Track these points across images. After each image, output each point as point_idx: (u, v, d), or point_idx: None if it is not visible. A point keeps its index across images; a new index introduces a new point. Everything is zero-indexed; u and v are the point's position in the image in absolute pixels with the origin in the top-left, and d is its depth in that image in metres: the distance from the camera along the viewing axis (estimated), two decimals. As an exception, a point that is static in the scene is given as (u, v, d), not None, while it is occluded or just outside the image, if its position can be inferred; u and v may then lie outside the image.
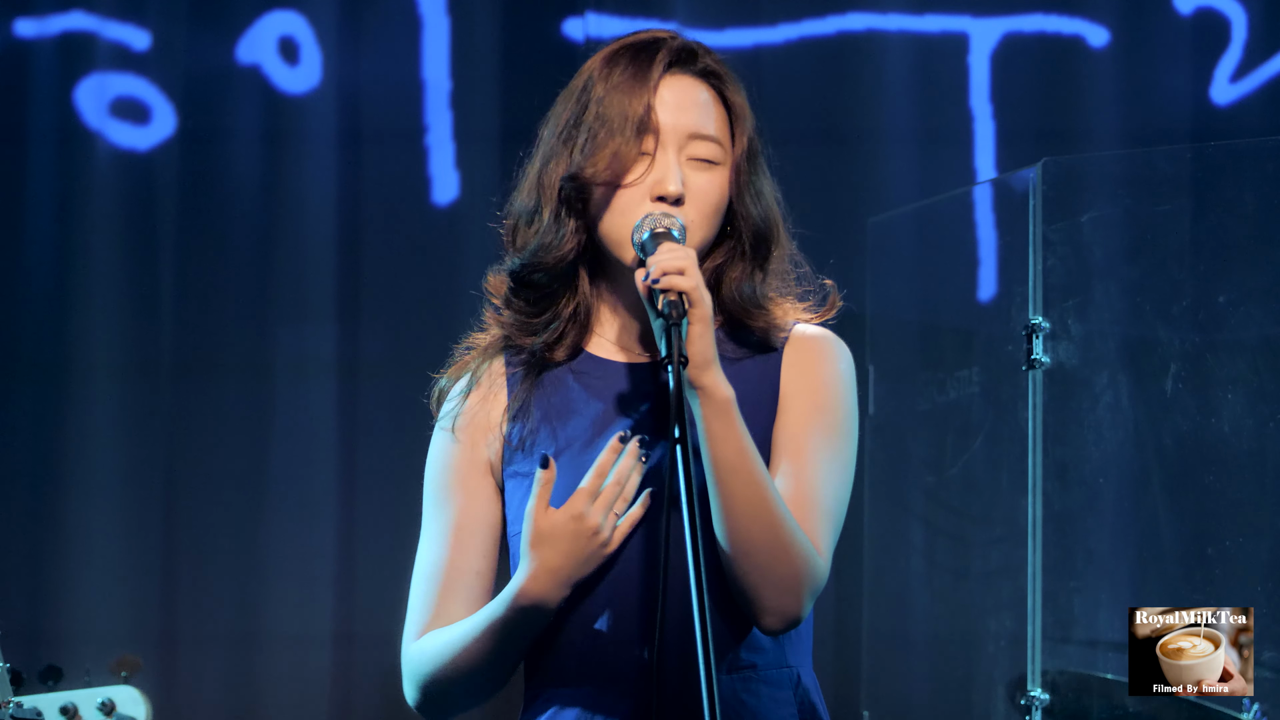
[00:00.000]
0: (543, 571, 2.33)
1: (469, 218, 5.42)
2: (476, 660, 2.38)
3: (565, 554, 2.32)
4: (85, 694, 4.12)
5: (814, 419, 2.44)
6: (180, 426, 5.37)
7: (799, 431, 2.43)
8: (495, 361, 2.51)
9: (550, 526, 2.33)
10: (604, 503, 2.33)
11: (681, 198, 2.40)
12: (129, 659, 4.21)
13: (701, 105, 2.45)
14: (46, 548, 5.32)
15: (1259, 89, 5.51)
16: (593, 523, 2.32)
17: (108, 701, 4.11)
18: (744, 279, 2.47)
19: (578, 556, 2.33)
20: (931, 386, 4.94)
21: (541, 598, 2.33)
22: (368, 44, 5.47)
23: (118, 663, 4.20)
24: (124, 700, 4.14)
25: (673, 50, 2.47)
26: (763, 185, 2.48)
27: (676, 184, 2.40)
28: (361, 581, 5.32)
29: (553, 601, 2.34)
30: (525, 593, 2.33)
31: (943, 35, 5.56)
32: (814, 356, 2.49)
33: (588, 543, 2.33)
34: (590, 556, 2.33)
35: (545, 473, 2.33)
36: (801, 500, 2.38)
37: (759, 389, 2.46)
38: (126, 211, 5.39)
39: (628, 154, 2.40)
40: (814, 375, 2.47)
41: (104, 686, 4.14)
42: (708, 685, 2.11)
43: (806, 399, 2.45)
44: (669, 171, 2.40)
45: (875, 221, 5.29)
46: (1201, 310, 4.36)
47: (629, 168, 2.41)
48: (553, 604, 2.34)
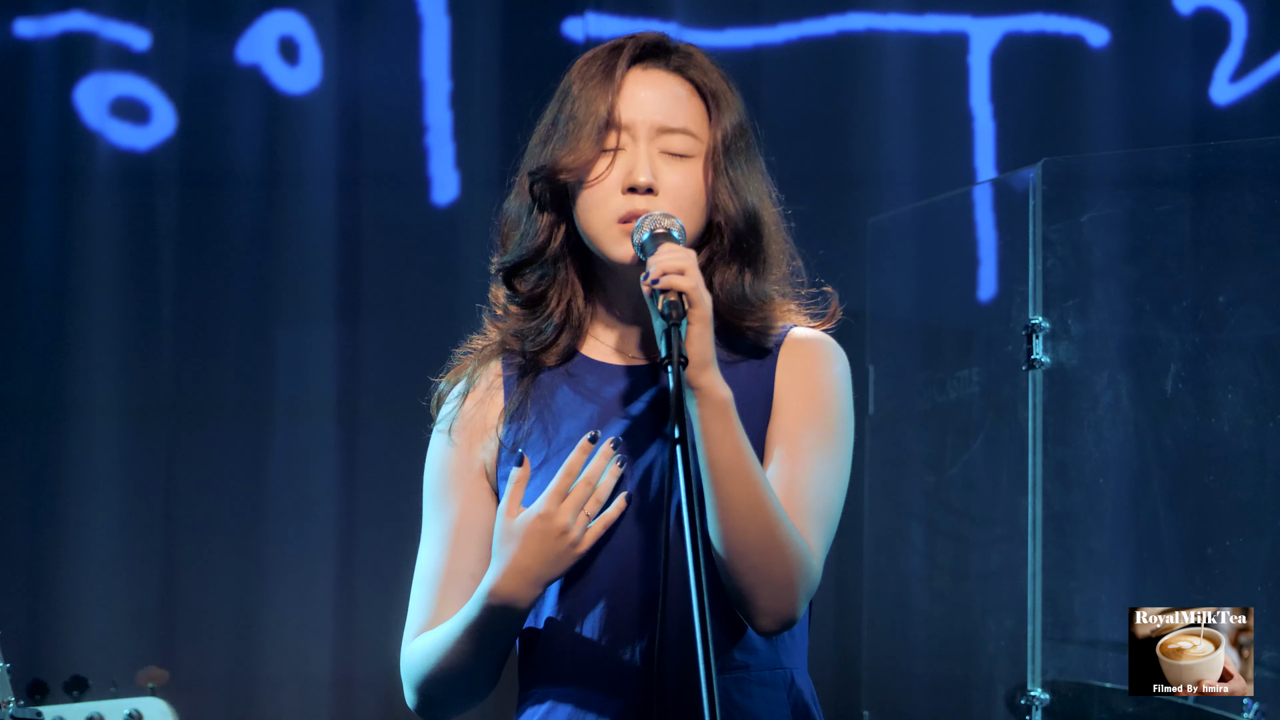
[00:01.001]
0: (511, 570, 2.33)
1: (469, 218, 5.41)
2: (459, 661, 2.38)
3: (533, 553, 2.32)
4: (112, 705, 4.12)
5: (809, 421, 2.43)
6: (180, 427, 5.37)
7: (793, 433, 2.42)
8: (493, 364, 2.51)
9: (518, 526, 2.33)
10: (573, 503, 2.33)
11: (653, 187, 2.40)
12: (156, 671, 4.21)
13: (672, 98, 2.45)
14: (45, 539, 5.32)
15: (1259, 89, 5.51)
16: (560, 522, 2.32)
17: (135, 713, 4.11)
18: (732, 279, 2.46)
19: (546, 556, 2.32)
20: (931, 386, 4.94)
21: (511, 596, 2.33)
22: (368, 44, 5.47)
23: (145, 674, 4.20)
24: (151, 712, 4.14)
25: (640, 45, 2.47)
26: (743, 179, 2.45)
27: (646, 174, 2.40)
28: (361, 585, 5.32)
29: (523, 601, 2.34)
30: (494, 592, 2.33)
31: (943, 35, 5.56)
32: (809, 360, 2.48)
33: (555, 542, 2.32)
34: (559, 557, 2.33)
35: (519, 471, 2.34)
36: (795, 502, 2.38)
37: (753, 392, 2.45)
38: (126, 211, 5.39)
39: (591, 147, 2.41)
40: (809, 378, 2.46)
41: (131, 698, 4.14)
42: (708, 686, 2.11)
43: (801, 401, 2.45)
44: (638, 162, 2.40)
45: (875, 221, 5.29)
46: (1201, 310, 4.36)
47: (592, 161, 2.41)
48: (524, 604, 2.34)
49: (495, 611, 2.34)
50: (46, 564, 5.30)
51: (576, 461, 2.33)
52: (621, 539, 2.39)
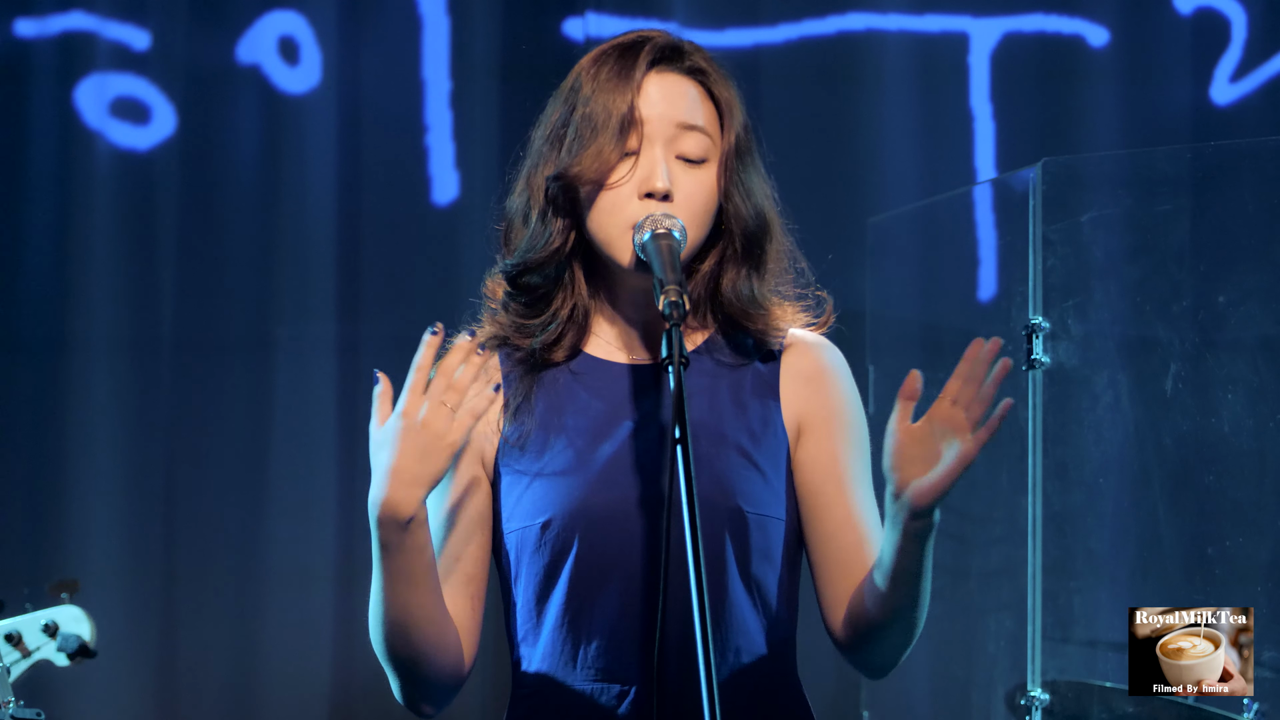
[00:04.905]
0: (387, 475, 2.29)
1: (469, 218, 5.42)
2: (392, 611, 2.34)
3: (402, 452, 2.29)
4: (28, 619, 4.15)
5: (847, 445, 2.49)
6: (180, 428, 5.37)
7: (839, 464, 2.48)
8: (492, 358, 2.50)
9: (382, 431, 2.31)
10: (433, 395, 2.30)
11: (670, 194, 2.40)
12: (67, 580, 4.23)
13: (688, 101, 2.44)
14: (46, 544, 5.32)
15: (1259, 89, 5.51)
16: (423, 417, 2.29)
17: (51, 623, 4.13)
18: (741, 280, 2.47)
19: (414, 452, 2.28)
20: (932, 386, 4.93)
21: (393, 503, 2.29)
22: (368, 44, 5.47)
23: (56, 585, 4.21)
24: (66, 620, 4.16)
25: (658, 48, 2.46)
26: (753, 182, 2.47)
27: (664, 180, 2.39)
28: (361, 580, 5.31)
29: (406, 506, 2.29)
30: (374, 501, 2.30)
31: (943, 35, 5.56)
32: (821, 372, 2.51)
33: (419, 435, 2.28)
34: (427, 451, 2.29)
35: (380, 389, 2.32)
36: (863, 533, 2.46)
37: (758, 393, 2.47)
38: (126, 211, 5.39)
39: (612, 152, 2.40)
40: (830, 395, 2.50)
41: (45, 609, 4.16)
42: (708, 685, 2.11)
43: (833, 424, 2.49)
44: (655, 168, 2.40)
45: (875, 221, 5.29)
46: (1201, 310, 4.36)
47: (613, 166, 2.41)
48: (408, 509, 2.29)
49: (386, 526, 2.30)
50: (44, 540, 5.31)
51: (426, 358, 2.30)
52: (623, 538, 2.39)
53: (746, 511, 2.41)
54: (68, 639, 4.14)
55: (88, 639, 4.16)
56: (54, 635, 4.14)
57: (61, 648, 4.14)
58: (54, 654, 4.15)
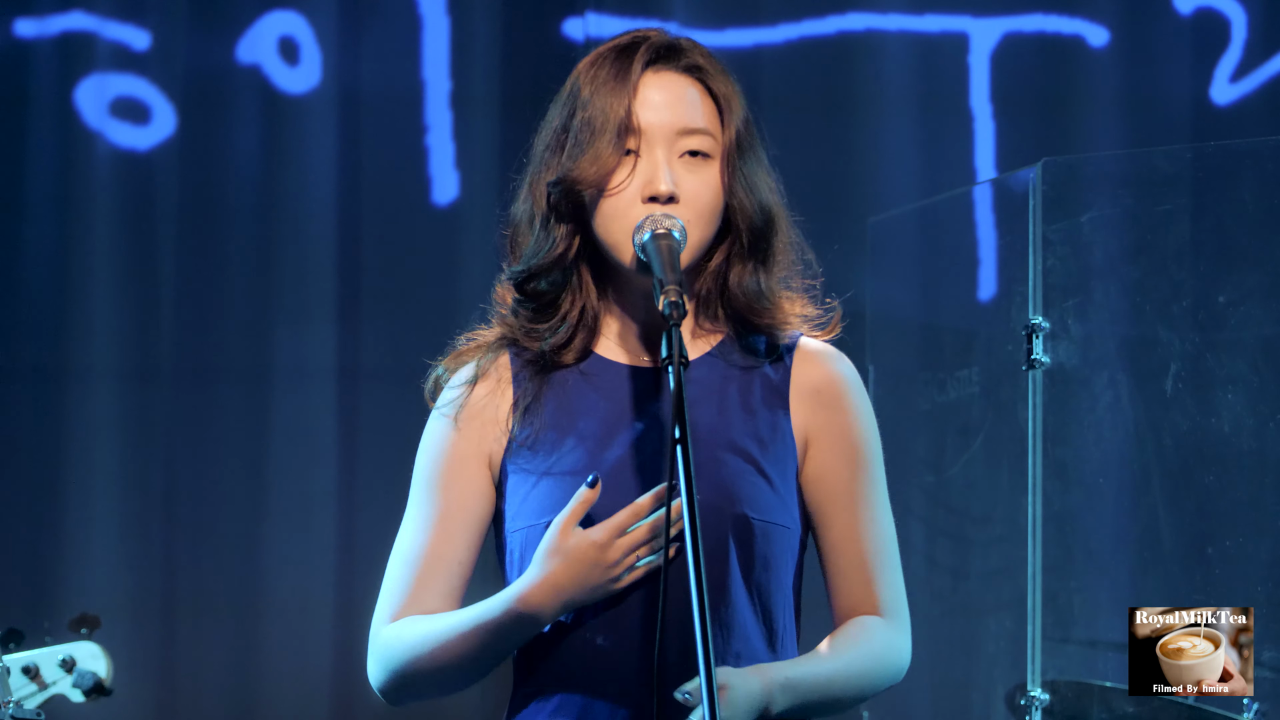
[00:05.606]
0: (548, 584, 2.32)
1: (469, 218, 5.42)
2: (457, 657, 2.37)
3: (574, 576, 2.32)
4: (46, 652, 4.14)
5: (853, 462, 2.48)
6: (180, 428, 5.37)
7: (847, 486, 2.47)
8: (501, 356, 2.49)
9: (570, 545, 2.32)
10: (629, 542, 2.32)
11: (674, 196, 2.39)
12: (88, 616, 4.23)
13: (688, 100, 2.43)
14: (45, 548, 5.32)
15: (1259, 89, 5.51)
16: (612, 556, 2.32)
17: (68, 658, 4.13)
18: (749, 276, 2.46)
19: (585, 583, 2.32)
20: (931, 386, 4.94)
21: (539, 609, 2.32)
22: (368, 44, 5.47)
23: (77, 620, 4.21)
24: (84, 656, 4.16)
25: (654, 47, 2.44)
26: (757, 176, 2.45)
27: (667, 183, 2.39)
28: (361, 583, 5.31)
29: (547, 617, 2.33)
30: (524, 599, 2.32)
31: (943, 35, 5.56)
32: (830, 383, 2.49)
33: (600, 573, 2.32)
34: (596, 587, 2.32)
35: (589, 492, 2.32)
36: (869, 560, 2.46)
37: (767, 401, 2.46)
38: (126, 211, 5.39)
39: (611, 155, 2.39)
40: (838, 410, 2.49)
41: (64, 644, 4.16)
42: (708, 685, 2.11)
43: (838, 440, 2.48)
44: (658, 171, 2.39)
45: (875, 221, 5.28)
46: (1201, 310, 4.36)
47: (613, 169, 2.39)
48: (547, 619, 2.33)
49: (517, 618, 2.33)
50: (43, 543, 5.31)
51: (644, 505, 2.32)
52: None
53: (752, 518, 2.40)
54: (84, 675, 4.13)
55: (104, 677, 4.16)
56: (70, 671, 4.13)
57: (77, 684, 4.13)
58: (69, 689, 4.14)
